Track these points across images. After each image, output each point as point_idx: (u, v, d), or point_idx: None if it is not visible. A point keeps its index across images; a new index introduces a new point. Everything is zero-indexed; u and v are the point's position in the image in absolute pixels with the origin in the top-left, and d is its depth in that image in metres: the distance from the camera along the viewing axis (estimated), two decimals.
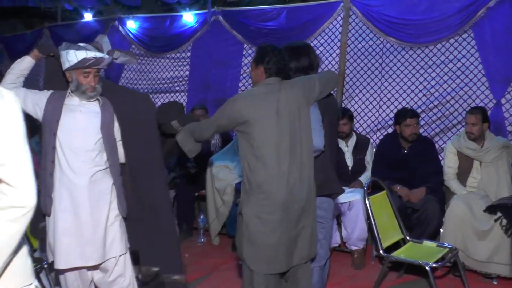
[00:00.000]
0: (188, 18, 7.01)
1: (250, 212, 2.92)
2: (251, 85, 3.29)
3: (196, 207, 5.88)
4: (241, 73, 6.55)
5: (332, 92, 3.37)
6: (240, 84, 6.55)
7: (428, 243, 4.27)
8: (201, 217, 5.57)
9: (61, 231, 3.00)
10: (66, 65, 3.07)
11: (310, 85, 3.05)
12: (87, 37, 8.03)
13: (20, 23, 10.65)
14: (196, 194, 5.77)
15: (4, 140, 1.56)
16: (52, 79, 3.37)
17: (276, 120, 2.90)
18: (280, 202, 2.89)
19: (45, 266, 3.64)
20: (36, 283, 1.76)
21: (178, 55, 7.15)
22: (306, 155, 2.97)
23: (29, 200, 1.60)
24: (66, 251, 3.00)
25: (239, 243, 3.05)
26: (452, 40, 5.37)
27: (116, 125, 3.26)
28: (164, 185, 3.56)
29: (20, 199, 1.58)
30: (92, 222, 3.03)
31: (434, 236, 4.59)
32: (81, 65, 3.03)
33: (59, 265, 3.01)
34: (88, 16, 8.09)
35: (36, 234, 3.91)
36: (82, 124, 3.10)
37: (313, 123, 3.04)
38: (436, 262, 3.90)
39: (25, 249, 1.70)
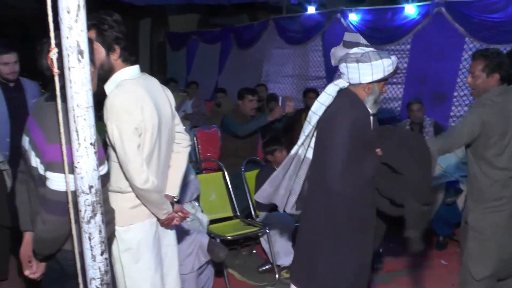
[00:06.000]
0: (410, 10, 7.50)
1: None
2: (472, 91, 3.54)
3: None
4: (460, 68, 6.80)
5: None
6: (458, 80, 6.80)
7: None
8: None
9: None
10: (364, 78, 3.04)
11: None
12: (311, 28, 9.06)
13: (245, 16, 12.30)
14: None
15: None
16: None
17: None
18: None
19: (267, 231, 4.73)
20: None
21: (397, 47, 7.65)
22: None
23: None
24: None
25: (462, 247, 3.59)
26: None
27: None
28: None
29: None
30: None
31: None
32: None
33: None
34: (311, 9, 9.10)
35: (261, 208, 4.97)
36: None
37: None
38: None
39: None
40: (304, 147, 3.15)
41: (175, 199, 2.93)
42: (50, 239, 2.36)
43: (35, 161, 2.36)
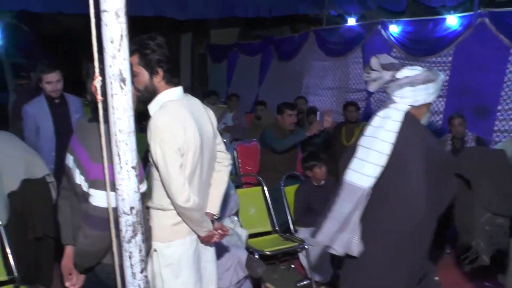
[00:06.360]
0: (452, 21, 7.40)
1: None
2: None
3: None
4: (505, 80, 6.66)
5: None
6: (503, 93, 6.66)
7: None
8: None
9: None
10: (429, 98, 3.06)
11: None
12: (351, 40, 9.07)
13: (286, 28, 12.43)
14: None
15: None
16: None
17: None
18: None
19: (306, 247, 4.75)
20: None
21: (438, 59, 7.57)
22: None
23: None
24: None
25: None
26: None
27: None
28: None
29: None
30: None
31: None
32: None
33: None
34: (351, 21, 9.11)
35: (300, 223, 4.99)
36: None
37: None
38: None
39: None
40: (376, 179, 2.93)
41: (215, 217, 2.99)
42: (91, 252, 2.50)
43: (79, 179, 2.49)
